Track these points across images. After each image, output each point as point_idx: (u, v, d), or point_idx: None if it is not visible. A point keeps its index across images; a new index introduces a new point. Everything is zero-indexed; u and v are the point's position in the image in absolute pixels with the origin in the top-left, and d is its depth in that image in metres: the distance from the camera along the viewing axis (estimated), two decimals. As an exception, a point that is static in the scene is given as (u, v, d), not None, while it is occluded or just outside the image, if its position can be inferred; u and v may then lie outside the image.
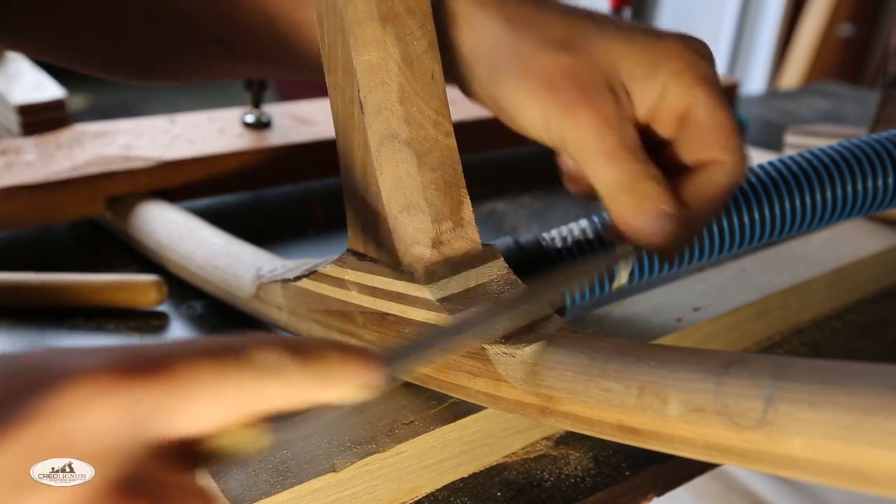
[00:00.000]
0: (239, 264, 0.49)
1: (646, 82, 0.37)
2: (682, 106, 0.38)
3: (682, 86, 0.37)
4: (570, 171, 0.41)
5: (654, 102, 0.38)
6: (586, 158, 0.37)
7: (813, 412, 0.24)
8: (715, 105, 0.37)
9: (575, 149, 0.37)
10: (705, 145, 0.38)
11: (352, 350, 0.26)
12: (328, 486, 0.34)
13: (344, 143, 0.37)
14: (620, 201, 0.37)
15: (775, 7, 2.54)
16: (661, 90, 0.37)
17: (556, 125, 0.37)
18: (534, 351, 0.33)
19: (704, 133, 0.38)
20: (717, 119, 0.37)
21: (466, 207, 0.37)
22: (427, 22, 0.36)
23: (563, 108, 0.37)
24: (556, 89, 0.37)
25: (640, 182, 0.36)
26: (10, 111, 0.69)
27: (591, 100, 0.36)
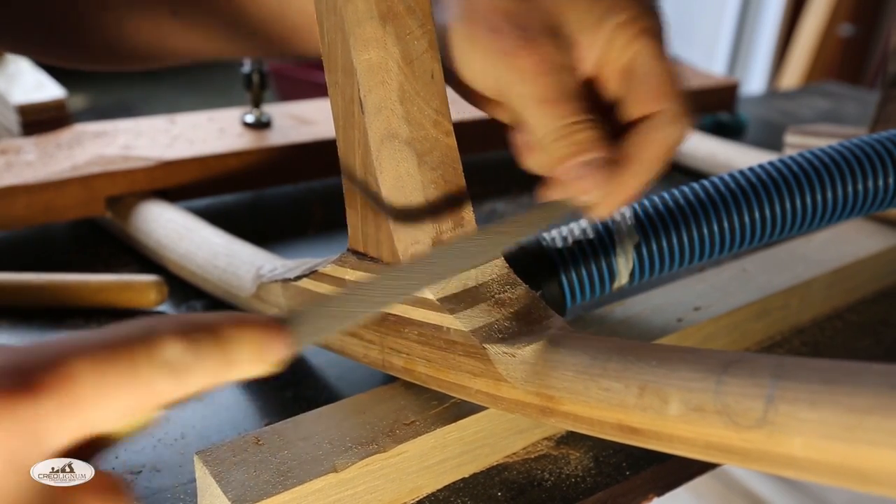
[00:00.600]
0: (239, 264, 0.49)
1: (591, 33, 0.37)
2: (626, 59, 0.37)
3: (626, 38, 0.37)
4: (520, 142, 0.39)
5: (599, 55, 0.37)
6: (524, 104, 0.36)
7: (813, 412, 0.24)
8: (655, 55, 0.37)
9: (513, 96, 0.36)
10: (647, 97, 0.37)
11: (253, 322, 0.25)
12: (329, 486, 0.34)
13: (344, 142, 0.37)
14: (554, 147, 0.36)
15: (775, 7, 2.54)
16: (606, 43, 0.37)
17: (498, 71, 0.36)
18: (534, 351, 0.33)
19: (646, 84, 0.37)
20: (657, 68, 0.37)
21: (466, 207, 0.37)
22: (427, 21, 0.36)
23: (503, 53, 0.36)
24: (498, 32, 0.36)
25: (576, 128, 0.36)
26: (11, 111, 0.69)
27: (533, 44, 0.36)
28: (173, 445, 0.41)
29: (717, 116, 0.96)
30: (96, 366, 0.23)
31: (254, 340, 0.25)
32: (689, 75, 0.99)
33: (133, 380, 0.23)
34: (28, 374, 0.22)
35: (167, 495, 0.37)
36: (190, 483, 0.38)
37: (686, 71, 1.01)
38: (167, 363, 0.23)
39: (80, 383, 0.22)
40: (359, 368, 0.45)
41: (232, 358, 0.24)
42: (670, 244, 0.44)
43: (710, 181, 0.45)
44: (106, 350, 0.23)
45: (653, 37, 0.37)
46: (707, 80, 0.98)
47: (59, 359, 0.23)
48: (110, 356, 0.23)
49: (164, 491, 0.38)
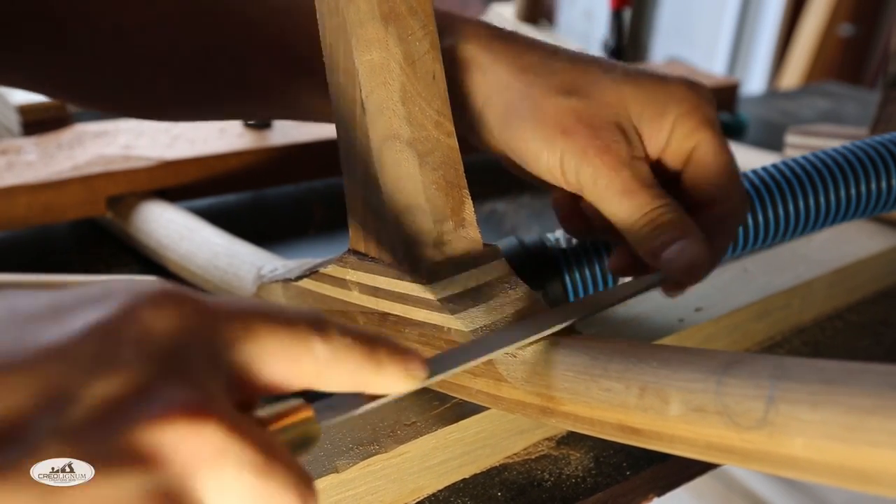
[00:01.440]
0: (240, 264, 0.49)
1: (654, 124, 0.39)
2: (688, 147, 0.39)
3: (688, 128, 0.38)
4: (563, 210, 0.42)
5: (662, 144, 0.39)
6: (603, 196, 0.38)
7: (814, 412, 0.24)
8: (718, 147, 0.39)
9: (591, 188, 0.38)
10: (709, 186, 0.39)
11: (401, 346, 0.27)
12: (330, 486, 0.34)
13: (345, 143, 0.37)
14: (642, 234, 0.38)
15: (775, 7, 2.54)
16: (669, 132, 0.39)
17: (571, 168, 0.38)
18: (535, 351, 0.33)
19: (708, 174, 0.39)
20: (719, 161, 0.39)
21: (468, 207, 0.37)
22: (429, 22, 0.36)
23: (577, 150, 0.38)
24: (569, 132, 0.38)
25: (661, 213, 0.37)
26: (11, 111, 0.70)
27: (604, 140, 0.38)
28: (174, 445, 0.41)
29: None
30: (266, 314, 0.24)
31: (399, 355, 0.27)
32: (690, 75, 0.99)
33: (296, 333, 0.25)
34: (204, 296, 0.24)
35: (168, 495, 0.37)
36: (191, 483, 0.38)
37: (686, 71, 1.01)
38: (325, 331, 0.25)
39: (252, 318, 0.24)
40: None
41: (380, 360, 0.26)
42: None
43: None
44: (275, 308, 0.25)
45: (711, 128, 0.39)
46: (707, 80, 0.98)
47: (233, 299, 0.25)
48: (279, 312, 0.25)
49: (164, 491, 0.38)
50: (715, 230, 0.39)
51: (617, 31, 0.93)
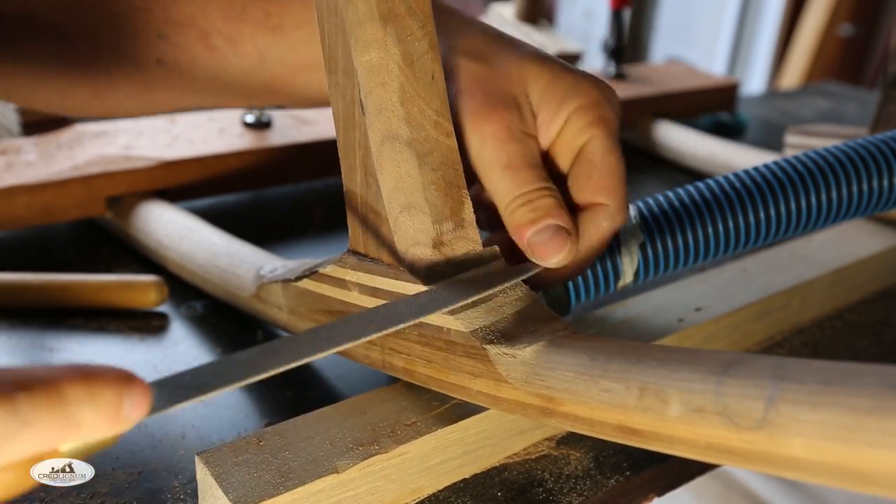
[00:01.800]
0: (239, 264, 0.49)
1: (552, 109, 0.38)
2: (579, 143, 0.38)
3: (583, 122, 0.38)
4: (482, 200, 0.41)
5: (554, 133, 0.39)
6: (487, 169, 0.38)
7: (813, 413, 0.24)
8: (608, 149, 0.38)
9: (478, 159, 0.38)
10: (592, 186, 0.39)
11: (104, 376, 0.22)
12: (330, 487, 0.34)
13: (345, 143, 0.37)
14: (517, 213, 0.37)
15: (775, 7, 2.54)
16: (563, 122, 0.38)
17: (466, 133, 0.38)
18: (535, 351, 0.33)
19: (593, 174, 0.38)
20: (607, 162, 0.38)
21: (467, 208, 0.37)
22: (428, 22, 0.36)
23: (471, 115, 0.37)
24: (467, 95, 0.38)
25: (538, 195, 0.37)
26: (11, 111, 0.69)
27: (496, 109, 0.37)
28: (173, 445, 0.41)
29: (717, 116, 0.96)
30: None
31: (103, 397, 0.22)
32: (690, 75, 0.99)
33: None
34: None
35: (167, 496, 0.37)
36: (190, 483, 0.38)
37: (686, 71, 1.01)
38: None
39: None
40: (359, 369, 0.45)
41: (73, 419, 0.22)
42: (675, 243, 0.44)
43: (715, 181, 0.45)
44: None
45: (606, 128, 0.38)
46: (707, 80, 0.98)
47: None
48: None
49: (164, 491, 0.38)
50: (588, 230, 0.38)
51: (617, 31, 0.93)
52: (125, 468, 0.39)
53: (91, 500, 0.37)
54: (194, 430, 0.42)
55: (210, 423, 0.43)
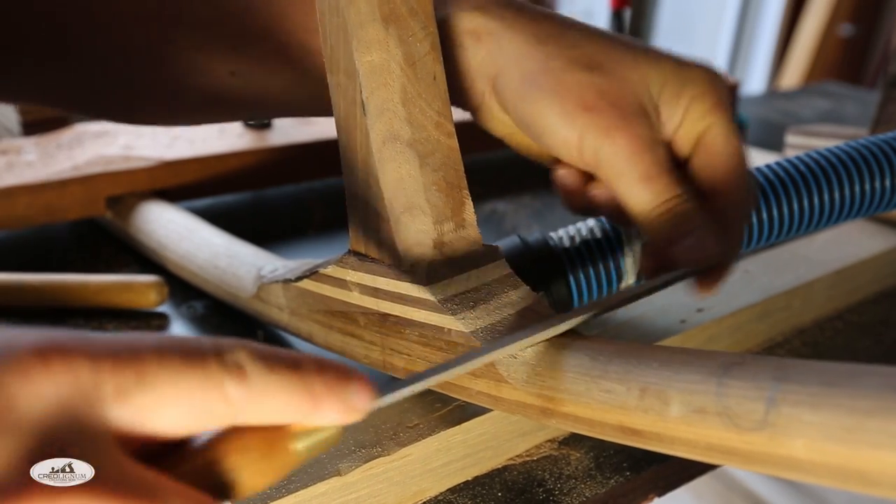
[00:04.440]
0: (240, 264, 0.49)
1: (672, 104, 0.38)
2: (699, 130, 0.38)
3: (702, 110, 0.38)
4: (567, 187, 0.40)
5: (676, 124, 0.38)
6: (622, 181, 0.37)
7: (814, 414, 0.24)
8: (729, 133, 0.38)
9: (609, 170, 0.37)
10: (718, 171, 0.38)
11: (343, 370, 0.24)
12: (333, 489, 0.34)
13: (346, 143, 0.37)
14: (658, 222, 0.37)
15: (775, 7, 2.54)
16: (683, 112, 0.38)
17: (591, 146, 0.37)
18: (535, 352, 0.33)
19: (718, 159, 0.38)
20: (729, 147, 0.38)
21: (468, 208, 0.37)
22: (430, 23, 0.36)
23: (600, 129, 0.37)
24: (592, 109, 0.37)
25: (676, 202, 0.37)
26: (11, 111, 0.70)
27: (629, 122, 0.37)
28: (174, 446, 0.41)
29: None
30: (162, 354, 0.22)
31: (336, 383, 0.24)
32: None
33: (199, 375, 0.22)
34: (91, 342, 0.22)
35: (168, 496, 0.37)
36: (191, 484, 0.38)
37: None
38: (238, 366, 0.22)
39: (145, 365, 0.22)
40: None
41: (314, 393, 0.23)
42: None
43: None
44: (175, 343, 0.22)
45: (724, 111, 0.38)
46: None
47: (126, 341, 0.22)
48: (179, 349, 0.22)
49: (164, 492, 0.38)
50: (723, 222, 0.38)
51: (617, 31, 0.93)
52: (126, 468, 0.39)
53: (91, 501, 0.37)
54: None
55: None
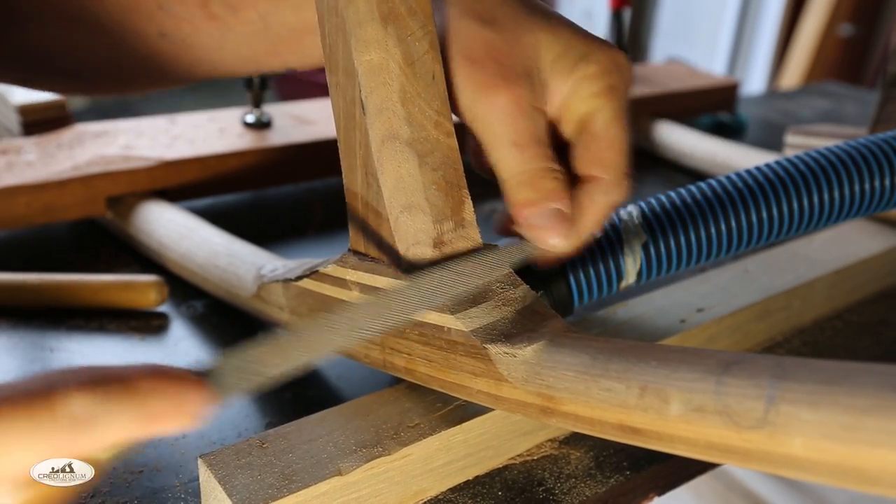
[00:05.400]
0: (240, 264, 0.49)
1: (562, 77, 0.37)
2: (585, 110, 0.37)
3: (591, 91, 0.37)
4: (475, 147, 0.40)
5: (562, 100, 0.37)
6: (494, 142, 0.36)
7: (813, 412, 0.24)
8: (612, 119, 0.37)
9: (484, 130, 0.37)
10: (595, 160, 0.37)
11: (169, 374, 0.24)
12: (334, 489, 0.34)
13: (345, 143, 0.37)
14: (520, 192, 0.36)
15: (775, 7, 2.54)
16: (572, 90, 0.37)
17: (470, 101, 0.36)
18: (535, 351, 0.33)
19: (595, 145, 0.37)
20: (609, 134, 0.37)
21: (468, 207, 0.37)
22: (428, 23, 0.36)
23: (480, 86, 0.36)
24: (477, 64, 0.36)
25: (542, 175, 0.36)
26: (11, 111, 0.69)
27: (509, 83, 0.36)
28: (174, 445, 0.41)
29: (717, 116, 0.96)
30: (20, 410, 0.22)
31: (171, 393, 0.24)
32: (689, 75, 0.99)
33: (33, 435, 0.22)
34: None
35: (168, 495, 0.37)
36: (191, 483, 0.38)
37: (686, 71, 1.01)
38: (70, 416, 0.22)
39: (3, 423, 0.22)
40: (359, 369, 0.45)
41: (148, 411, 0.24)
42: (678, 243, 0.44)
43: (716, 181, 0.45)
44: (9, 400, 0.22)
45: (615, 97, 0.37)
46: (707, 80, 0.98)
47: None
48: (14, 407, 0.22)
49: (165, 490, 0.38)
50: (583, 204, 0.37)
51: (617, 31, 0.93)
52: (126, 467, 0.39)
53: (92, 500, 0.37)
54: (194, 430, 0.42)
55: (211, 423, 0.43)
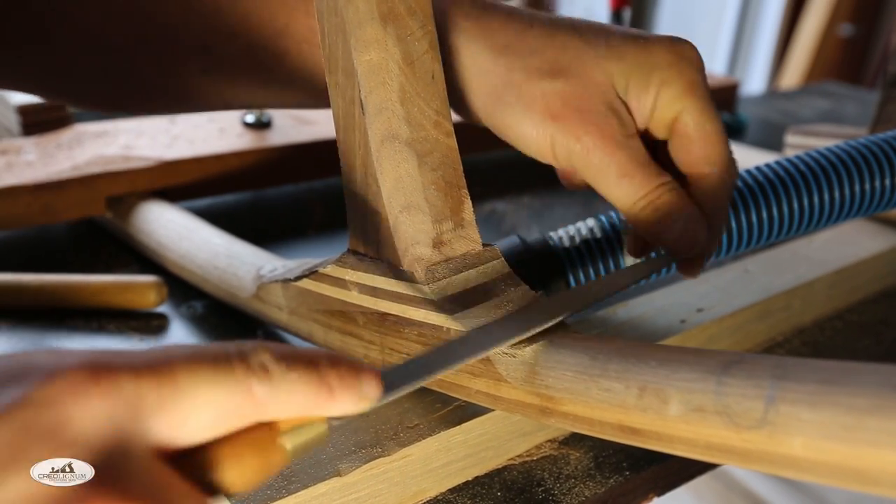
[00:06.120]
0: (239, 264, 0.49)
1: (639, 95, 0.38)
2: (672, 114, 0.38)
3: (671, 95, 0.37)
4: (560, 172, 0.41)
5: (648, 112, 0.38)
6: (599, 179, 0.37)
7: (813, 412, 0.24)
8: (702, 116, 0.38)
9: (585, 171, 0.38)
10: (693, 156, 0.38)
11: (353, 364, 0.26)
12: (333, 490, 0.34)
13: (344, 143, 0.37)
14: (643, 215, 0.37)
15: (775, 7, 2.54)
16: (654, 102, 0.38)
17: (563, 151, 0.37)
18: (534, 351, 0.33)
19: (691, 144, 0.38)
20: (703, 131, 0.38)
21: (467, 207, 0.37)
22: (428, 22, 0.36)
23: (569, 135, 0.37)
24: (559, 118, 0.37)
25: (658, 194, 0.37)
26: (11, 111, 0.69)
27: (595, 122, 0.37)
28: (174, 446, 0.41)
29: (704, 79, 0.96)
30: (193, 363, 0.23)
31: (349, 374, 0.25)
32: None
33: (229, 379, 0.23)
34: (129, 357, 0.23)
35: (167, 496, 0.37)
36: (190, 483, 0.38)
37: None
38: (262, 367, 0.24)
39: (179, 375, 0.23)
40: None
41: (330, 385, 0.25)
42: None
43: None
44: (202, 351, 0.24)
45: (696, 93, 0.38)
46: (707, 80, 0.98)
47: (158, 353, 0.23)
48: (207, 356, 0.23)
49: (164, 491, 0.38)
50: (705, 203, 0.38)
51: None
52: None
53: (91, 500, 0.37)
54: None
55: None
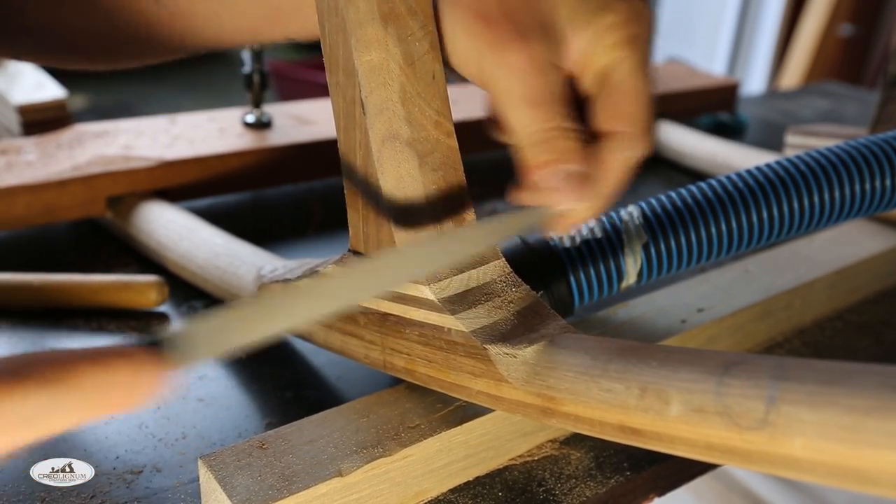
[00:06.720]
0: (240, 264, 0.49)
1: (579, 30, 0.36)
2: (606, 62, 0.36)
3: (611, 41, 0.36)
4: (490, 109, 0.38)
5: (582, 53, 0.36)
6: (507, 101, 0.35)
7: (814, 413, 0.24)
8: (634, 70, 0.36)
9: (499, 90, 0.35)
10: (616, 114, 0.36)
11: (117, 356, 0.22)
12: (334, 490, 0.34)
13: (345, 143, 0.37)
14: (532, 152, 0.35)
15: (775, 7, 2.54)
16: (591, 42, 0.36)
17: (486, 62, 0.35)
18: (535, 351, 0.33)
19: (615, 98, 0.36)
20: (630, 85, 0.36)
21: (468, 208, 0.37)
22: (428, 22, 0.36)
23: (496, 45, 0.35)
24: (491, 23, 0.35)
25: (556, 135, 0.35)
26: (11, 111, 0.69)
27: (526, 40, 0.35)
28: (174, 445, 0.41)
29: (717, 116, 0.96)
30: None
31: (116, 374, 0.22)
32: (690, 75, 0.99)
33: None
34: None
35: (168, 495, 0.37)
36: (191, 483, 0.38)
37: (686, 71, 1.01)
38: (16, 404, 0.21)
39: None
40: (359, 369, 0.45)
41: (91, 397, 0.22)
42: (678, 244, 0.44)
43: (717, 181, 0.45)
44: None
45: (637, 47, 0.36)
46: (707, 80, 0.98)
47: None
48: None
49: (164, 491, 0.38)
50: (606, 161, 0.36)
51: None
52: (126, 468, 0.39)
53: (91, 500, 0.37)
54: (195, 430, 0.42)
55: (211, 424, 0.43)
